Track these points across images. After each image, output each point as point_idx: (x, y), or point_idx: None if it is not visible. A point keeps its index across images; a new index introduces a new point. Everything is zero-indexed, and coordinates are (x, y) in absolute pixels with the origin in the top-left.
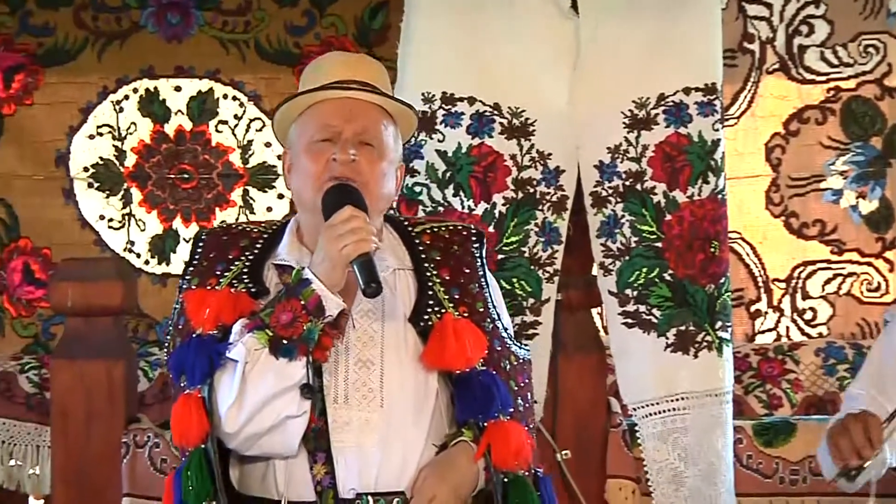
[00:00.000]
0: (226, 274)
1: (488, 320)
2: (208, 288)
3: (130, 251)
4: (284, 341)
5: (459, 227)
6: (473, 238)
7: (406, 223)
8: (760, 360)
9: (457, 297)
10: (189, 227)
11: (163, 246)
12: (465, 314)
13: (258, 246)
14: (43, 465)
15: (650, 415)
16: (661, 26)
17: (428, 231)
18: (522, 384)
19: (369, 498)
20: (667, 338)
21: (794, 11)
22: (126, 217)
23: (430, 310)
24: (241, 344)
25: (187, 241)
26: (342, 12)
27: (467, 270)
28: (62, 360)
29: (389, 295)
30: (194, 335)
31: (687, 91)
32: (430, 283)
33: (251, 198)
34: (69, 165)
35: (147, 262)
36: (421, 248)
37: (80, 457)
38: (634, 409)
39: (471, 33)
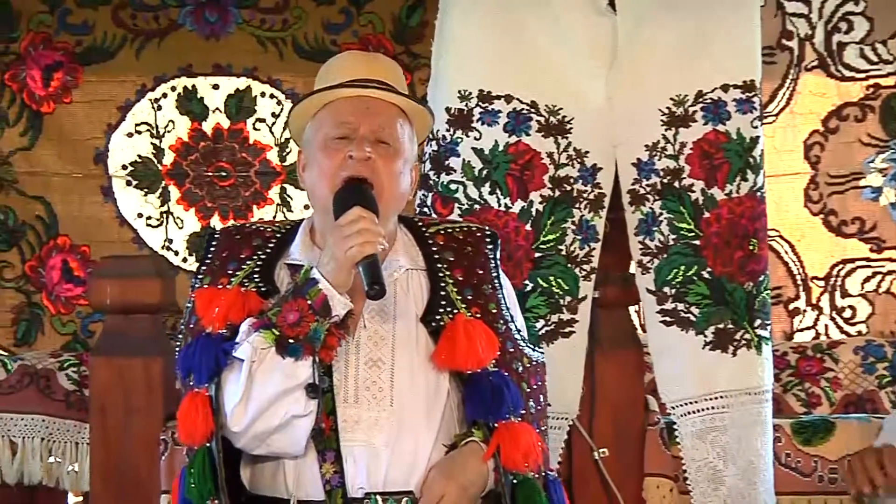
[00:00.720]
0: (237, 273)
1: (501, 321)
2: (219, 287)
3: (168, 249)
4: (291, 340)
5: (473, 229)
6: (487, 239)
7: (420, 223)
8: (799, 358)
9: (469, 297)
10: (226, 225)
11: (201, 243)
12: (478, 315)
13: (270, 245)
14: (82, 461)
15: (688, 413)
16: (699, 23)
17: (442, 232)
18: (535, 386)
19: (378, 497)
20: (705, 336)
21: (832, 8)
22: (164, 215)
23: (442, 310)
24: (247, 343)
25: None
26: (379, 10)
27: (480, 271)
28: (101, 358)
29: (402, 295)
30: (202, 334)
31: (725, 88)
32: (443, 284)
33: (288, 195)
34: (107, 163)
35: (185, 260)
36: (434, 248)
37: (118, 453)
38: (672, 408)
39: (507, 31)
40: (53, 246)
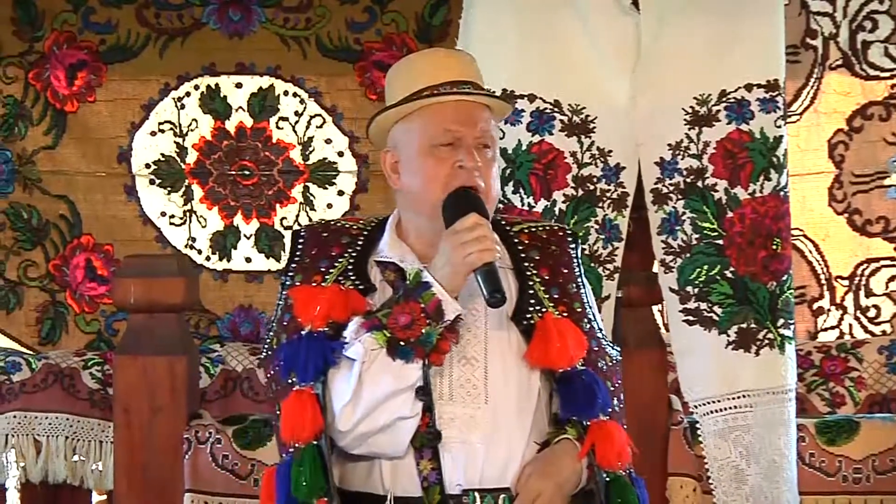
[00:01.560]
0: (331, 271)
1: (585, 320)
2: (314, 285)
3: (192, 247)
4: (402, 343)
5: (556, 228)
6: (570, 238)
7: (503, 222)
8: (823, 357)
9: (556, 296)
10: (250, 224)
11: (224, 242)
12: (565, 314)
13: (360, 242)
14: (106, 460)
15: (712, 412)
16: (723, 22)
17: (526, 231)
18: (617, 384)
19: (476, 494)
20: (728, 335)
21: (857, 7)
22: (187, 213)
23: (531, 309)
24: (358, 343)
25: (248, 238)
26: (403, 9)
27: (565, 270)
28: (125, 357)
29: None
30: (304, 332)
31: (749, 87)
32: (531, 283)
33: (311, 194)
34: (131, 162)
35: (208, 259)
36: (520, 247)
37: (142, 452)
38: (696, 407)
39: (531, 30)
40: (77, 245)
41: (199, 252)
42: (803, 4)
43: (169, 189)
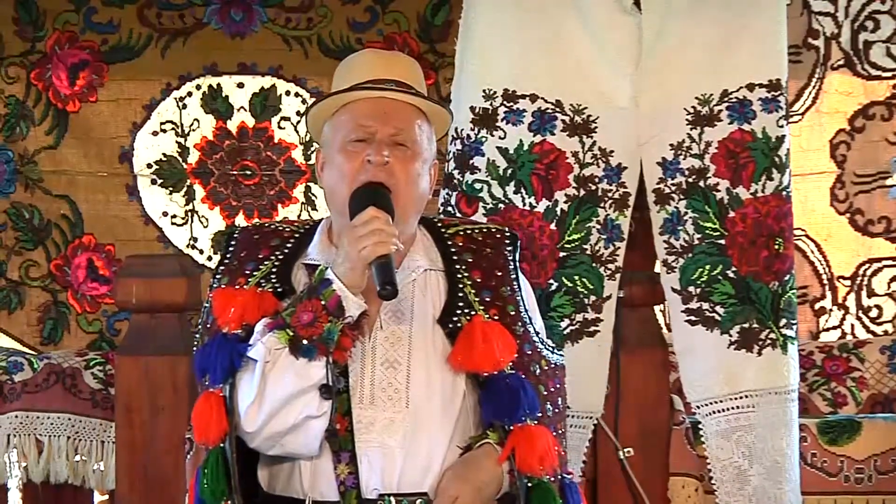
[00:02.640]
0: (255, 273)
1: (519, 324)
2: (237, 287)
3: (193, 247)
4: (304, 341)
5: (493, 230)
6: (507, 241)
7: (439, 224)
8: (825, 357)
9: (487, 299)
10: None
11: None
12: (496, 317)
13: (289, 246)
14: (108, 460)
15: (714, 412)
16: (724, 22)
17: (461, 233)
18: (553, 389)
19: (392, 498)
20: (730, 335)
21: (859, 7)
22: (189, 213)
23: (459, 311)
24: (261, 343)
25: None
26: (404, 8)
27: (499, 273)
28: (127, 357)
29: (419, 296)
30: (218, 334)
31: (751, 87)
32: (461, 285)
33: (313, 194)
34: (133, 162)
35: (210, 259)
36: (453, 249)
37: (144, 452)
38: (698, 407)
39: (532, 30)
40: (79, 245)
41: (201, 252)
42: (805, 4)
43: (171, 189)
